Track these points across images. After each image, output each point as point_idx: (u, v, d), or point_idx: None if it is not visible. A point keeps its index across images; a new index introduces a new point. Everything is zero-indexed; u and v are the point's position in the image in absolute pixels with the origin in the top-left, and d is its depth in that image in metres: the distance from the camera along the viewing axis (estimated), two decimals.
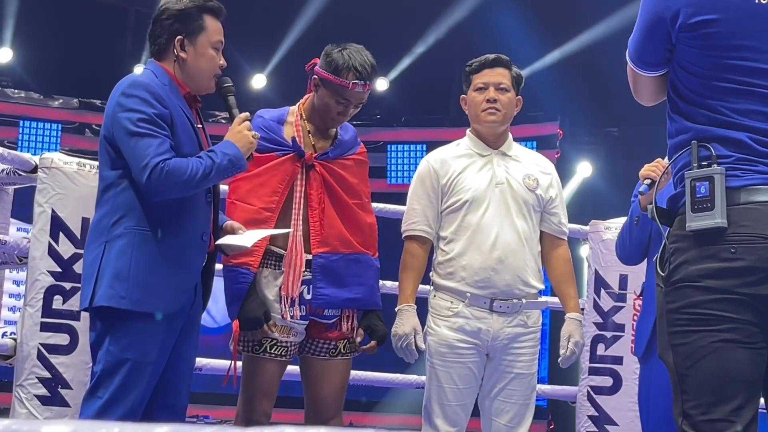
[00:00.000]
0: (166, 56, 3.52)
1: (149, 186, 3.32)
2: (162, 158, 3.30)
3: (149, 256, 3.37)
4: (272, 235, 3.81)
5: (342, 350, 3.95)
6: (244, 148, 3.45)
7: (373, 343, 3.96)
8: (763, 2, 2.49)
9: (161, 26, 3.52)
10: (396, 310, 4.06)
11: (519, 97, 4.21)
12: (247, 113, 3.56)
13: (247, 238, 3.62)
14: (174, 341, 3.45)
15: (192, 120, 3.50)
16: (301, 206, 3.86)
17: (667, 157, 2.64)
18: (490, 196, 4.07)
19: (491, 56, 4.20)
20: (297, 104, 4.02)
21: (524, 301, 4.07)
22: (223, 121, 11.60)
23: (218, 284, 3.73)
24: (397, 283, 5.43)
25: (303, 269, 3.83)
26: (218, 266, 3.89)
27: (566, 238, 4.31)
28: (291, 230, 3.81)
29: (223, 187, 4.33)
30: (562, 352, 4.13)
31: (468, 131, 4.24)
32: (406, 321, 4.02)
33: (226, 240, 3.58)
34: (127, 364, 3.33)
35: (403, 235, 4.20)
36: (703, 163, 2.48)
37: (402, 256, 4.17)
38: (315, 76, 3.91)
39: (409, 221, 4.18)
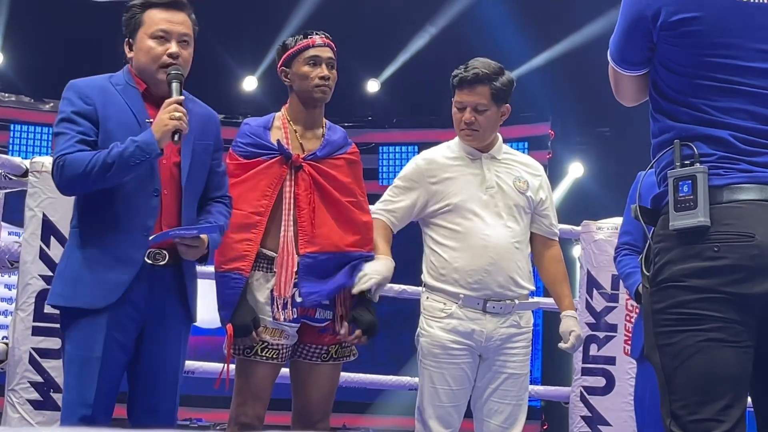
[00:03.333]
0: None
1: (54, 183, 3.42)
2: (60, 153, 3.35)
3: (82, 253, 3.41)
4: (263, 238, 3.81)
5: (333, 355, 3.94)
6: (158, 133, 3.35)
7: (358, 332, 3.88)
8: None
9: (123, 36, 3.60)
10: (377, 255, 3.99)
11: (507, 105, 4.15)
12: (181, 97, 3.42)
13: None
14: (131, 338, 3.41)
15: (141, 116, 3.46)
16: (291, 208, 3.85)
17: (651, 157, 2.64)
18: (481, 199, 4.08)
19: (470, 74, 4.09)
20: (281, 110, 4.03)
21: (517, 302, 4.08)
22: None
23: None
24: (394, 286, 5.46)
25: (295, 270, 3.82)
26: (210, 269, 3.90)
27: (557, 239, 4.32)
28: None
29: None
30: (563, 345, 4.13)
31: (458, 135, 4.23)
32: (381, 265, 3.95)
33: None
34: (75, 361, 3.37)
35: (373, 214, 4.13)
36: (686, 162, 2.48)
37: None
38: (283, 69, 3.98)
39: (384, 207, 4.19)
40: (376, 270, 3.91)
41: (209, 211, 3.61)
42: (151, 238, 3.40)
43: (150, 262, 3.42)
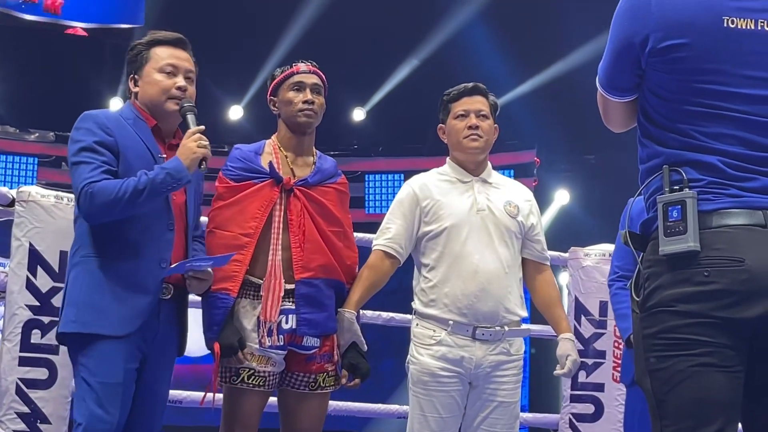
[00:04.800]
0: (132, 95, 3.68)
1: (81, 211, 3.44)
2: (88, 182, 3.38)
3: (99, 281, 3.42)
4: (250, 264, 3.80)
5: (321, 383, 3.92)
6: (187, 160, 3.47)
7: (356, 380, 3.94)
8: (732, 26, 2.50)
9: (126, 73, 3.69)
10: (338, 310, 3.98)
11: (496, 125, 4.24)
12: (202, 127, 3.58)
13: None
14: (136, 367, 3.46)
15: (154, 150, 3.56)
16: (281, 232, 3.85)
17: (639, 182, 2.64)
18: (472, 223, 4.08)
19: (470, 85, 4.23)
20: (271, 137, 4.04)
21: (507, 328, 4.06)
22: None
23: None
24: (378, 313, 5.46)
25: (282, 295, 3.82)
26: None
27: (549, 264, 4.32)
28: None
29: (203, 219, 4.32)
30: (559, 371, 4.11)
31: (448, 159, 4.25)
32: (345, 330, 3.95)
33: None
34: (95, 387, 3.37)
35: (372, 248, 4.19)
36: (675, 187, 2.48)
37: (363, 266, 4.13)
38: (271, 98, 4.04)
39: (382, 237, 4.17)
40: (347, 339, 3.94)
41: (195, 249, 3.73)
42: (172, 266, 3.49)
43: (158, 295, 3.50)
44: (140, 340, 3.46)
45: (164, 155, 3.57)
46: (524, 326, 4.27)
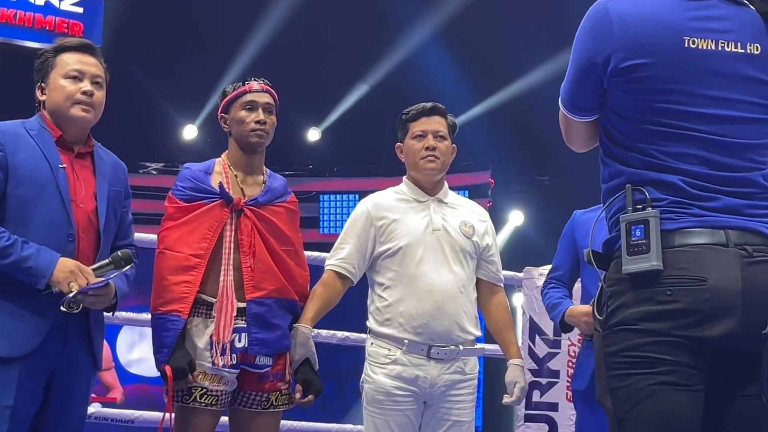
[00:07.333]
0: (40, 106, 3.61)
1: None
2: None
3: None
4: (201, 283, 3.78)
5: (274, 402, 3.90)
6: (56, 277, 3.32)
7: (310, 396, 3.90)
8: (692, 46, 2.52)
9: (34, 82, 3.61)
10: (294, 325, 3.95)
11: (454, 145, 4.26)
12: (95, 280, 3.40)
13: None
14: (41, 387, 3.37)
15: (53, 161, 3.45)
16: (232, 252, 3.83)
17: (601, 202, 2.65)
18: (427, 243, 4.09)
19: (428, 105, 4.24)
20: (221, 156, 4.03)
21: (461, 347, 4.07)
22: (154, 173, 11.55)
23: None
24: (332, 332, 5.45)
25: (234, 315, 3.79)
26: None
27: (503, 285, 4.33)
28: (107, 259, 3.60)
29: (152, 236, 4.29)
30: (508, 399, 4.12)
31: (405, 178, 4.26)
32: (300, 345, 3.91)
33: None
34: None
35: (325, 267, 4.18)
36: (638, 206, 2.49)
37: (317, 283, 4.12)
38: (222, 115, 4.02)
39: (334, 257, 4.17)
40: (301, 353, 3.89)
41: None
42: (71, 294, 3.34)
43: (65, 310, 3.35)
44: (43, 358, 3.35)
45: (64, 165, 3.46)
46: (478, 345, 4.28)
